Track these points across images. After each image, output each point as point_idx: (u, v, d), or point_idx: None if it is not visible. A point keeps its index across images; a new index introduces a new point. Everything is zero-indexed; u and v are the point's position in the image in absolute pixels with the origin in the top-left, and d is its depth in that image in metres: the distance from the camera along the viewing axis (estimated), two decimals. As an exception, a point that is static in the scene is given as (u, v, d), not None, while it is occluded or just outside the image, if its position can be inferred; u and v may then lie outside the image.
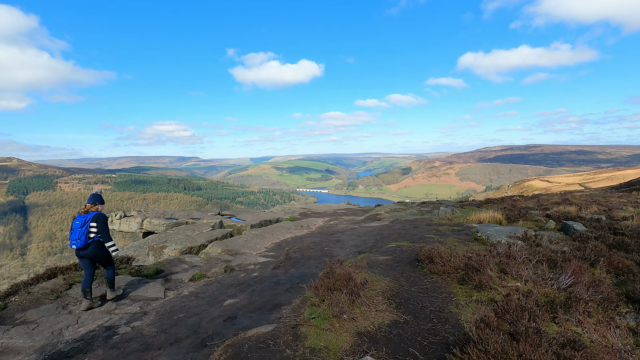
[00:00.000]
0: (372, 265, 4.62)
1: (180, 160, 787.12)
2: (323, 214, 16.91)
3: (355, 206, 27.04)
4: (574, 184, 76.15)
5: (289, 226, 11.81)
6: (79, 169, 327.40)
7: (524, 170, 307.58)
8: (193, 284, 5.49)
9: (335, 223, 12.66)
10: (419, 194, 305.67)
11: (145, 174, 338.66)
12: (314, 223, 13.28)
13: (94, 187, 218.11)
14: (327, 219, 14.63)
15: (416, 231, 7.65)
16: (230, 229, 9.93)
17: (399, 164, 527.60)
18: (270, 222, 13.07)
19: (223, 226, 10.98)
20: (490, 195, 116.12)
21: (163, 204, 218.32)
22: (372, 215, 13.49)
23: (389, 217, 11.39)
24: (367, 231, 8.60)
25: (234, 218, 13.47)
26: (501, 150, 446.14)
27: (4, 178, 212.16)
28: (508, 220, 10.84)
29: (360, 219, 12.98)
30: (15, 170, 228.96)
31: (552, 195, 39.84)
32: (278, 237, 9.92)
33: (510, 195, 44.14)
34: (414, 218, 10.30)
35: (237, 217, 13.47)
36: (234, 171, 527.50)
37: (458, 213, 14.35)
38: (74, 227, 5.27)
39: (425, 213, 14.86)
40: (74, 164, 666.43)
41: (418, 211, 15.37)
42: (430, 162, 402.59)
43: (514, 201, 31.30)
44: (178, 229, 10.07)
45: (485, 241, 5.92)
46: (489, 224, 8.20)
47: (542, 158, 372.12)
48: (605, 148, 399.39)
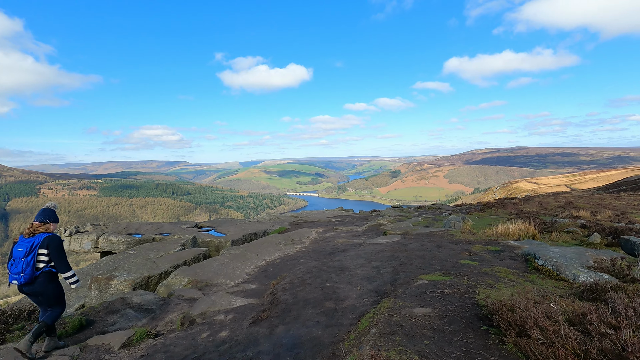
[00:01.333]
0: (408, 331, 2.80)
1: (169, 165, 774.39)
2: (316, 222, 15.06)
3: (349, 212, 25.21)
4: (560, 186, 76.84)
5: (277, 241, 9.92)
6: (63, 174, 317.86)
7: (510, 172, 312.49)
8: (124, 357, 3.54)
9: (332, 236, 10.84)
10: (408, 196, 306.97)
11: (133, 178, 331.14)
12: (307, 235, 11.42)
13: (79, 193, 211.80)
14: (321, 230, 12.78)
15: (443, 253, 5.86)
16: (204, 249, 7.98)
17: (388, 167, 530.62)
18: (255, 235, 11.13)
19: (197, 244, 9.02)
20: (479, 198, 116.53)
21: (150, 209, 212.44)
22: (375, 226, 11.69)
23: (395, 230, 9.62)
24: (376, 251, 6.78)
25: (213, 231, 11.49)
26: (488, 153, 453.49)
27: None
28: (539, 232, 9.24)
29: (360, 231, 11.18)
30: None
31: (546, 197, 38.97)
32: (264, 257, 8.03)
33: (508, 198, 43.10)
34: (428, 231, 8.54)
35: (218, 229, 11.50)
36: (223, 175, 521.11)
37: (470, 221, 12.73)
38: (14, 256, 3.76)
39: (432, 222, 13.15)
40: (58, 169, 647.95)
41: (424, 220, 13.65)
42: (419, 165, 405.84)
43: (514, 205, 30.03)
44: (140, 249, 8.07)
45: (555, 274, 4.18)
46: (532, 241, 6.51)
47: (527, 160, 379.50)
48: (588, 150, 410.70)
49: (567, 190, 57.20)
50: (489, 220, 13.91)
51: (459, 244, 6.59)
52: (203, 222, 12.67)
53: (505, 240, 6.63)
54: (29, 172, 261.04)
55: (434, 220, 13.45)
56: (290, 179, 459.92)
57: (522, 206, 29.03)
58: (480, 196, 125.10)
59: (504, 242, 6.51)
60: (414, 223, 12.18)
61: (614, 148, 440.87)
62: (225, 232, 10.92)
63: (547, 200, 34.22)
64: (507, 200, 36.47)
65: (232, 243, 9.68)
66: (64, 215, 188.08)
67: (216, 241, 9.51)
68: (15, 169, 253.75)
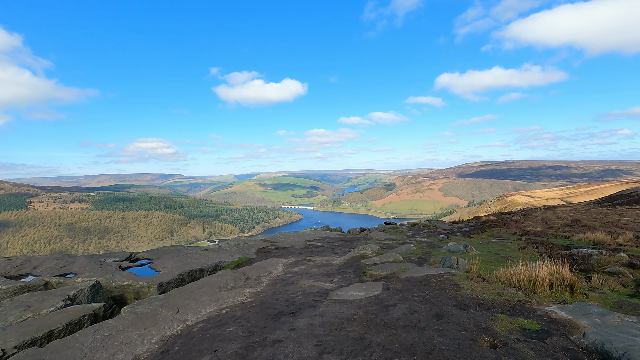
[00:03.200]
0: None
1: (163, 178, 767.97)
2: (289, 249, 12.52)
3: (335, 232, 22.63)
4: (554, 199, 75.71)
5: (224, 281, 7.40)
6: (55, 187, 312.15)
7: (504, 185, 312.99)
8: None
9: (300, 272, 8.36)
10: (403, 209, 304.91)
11: (126, 192, 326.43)
12: (270, 270, 8.92)
13: (70, 206, 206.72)
14: (291, 261, 10.28)
15: (447, 340, 3.41)
16: (95, 306, 5.42)
17: (383, 180, 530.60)
18: (201, 272, 8.56)
19: (101, 292, 6.47)
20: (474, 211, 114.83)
21: (143, 223, 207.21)
22: (355, 259, 9.19)
23: (379, 269, 7.17)
24: (340, 321, 4.30)
25: (148, 265, 8.93)
26: (482, 166, 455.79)
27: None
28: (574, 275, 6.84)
29: (336, 265, 8.68)
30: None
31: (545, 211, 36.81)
32: (186, 315, 5.52)
33: (506, 213, 40.72)
34: (423, 276, 6.07)
35: (155, 264, 8.92)
36: (218, 188, 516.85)
37: (474, 251, 10.31)
38: None
39: (427, 251, 10.70)
40: (50, 182, 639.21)
41: (418, 248, 11.19)
42: (414, 178, 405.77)
43: (516, 223, 27.65)
44: (10, 303, 5.54)
45: None
46: (585, 306, 4.09)
47: (521, 173, 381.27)
48: (579, 163, 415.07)
49: (562, 204, 55.66)
50: (497, 248, 11.48)
51: (471, 312, 4.14)
52: (141, 254, 10.05)
53: (542, 306, 4.20)
54: (19, 184, 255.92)
55: (430, 248, 11.01)
56: (286, 192, 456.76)
57: (524, 224, 26.70)
58: (476, 209, 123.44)
59: (541, 308, 4.07)
60: (405, 253, 9.74)
61: (604, 162, 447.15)
62: (161, 269, 8.35)
63: (548, 216, 31.97)
64: (507, 217, 34.14)
65: (158, 287, 7.12)
66: (53, 229, 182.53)
67: (136, 285, 6.96)
68: (6, 182, 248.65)
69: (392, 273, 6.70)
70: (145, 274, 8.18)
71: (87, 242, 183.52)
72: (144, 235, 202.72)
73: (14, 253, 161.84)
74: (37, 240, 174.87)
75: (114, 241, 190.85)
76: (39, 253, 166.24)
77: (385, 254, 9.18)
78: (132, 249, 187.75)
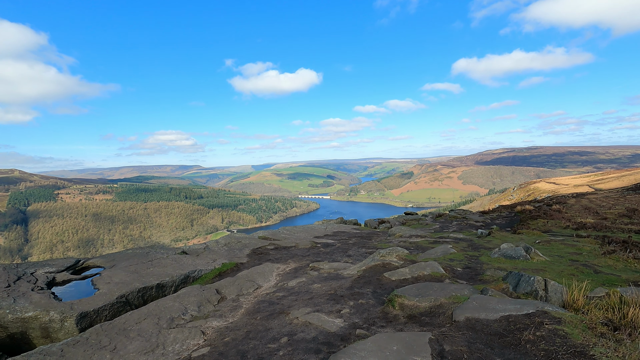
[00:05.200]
0: None
1: (182, 169, 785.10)
2: (292, 250, 10.01)
3: (350, 225, 19.89)
4: (582, 185, 70.56)
5: (184, 306, 5.01)
6: (81, 179, 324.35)
7: (526, 172, 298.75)
8: None
9: (297, 288, 5.87)
10: (421, 198, 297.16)
11: (147, 183, 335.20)
12: (257, 285, 6.47)
13: (95, 197, 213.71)
14: (291, 268, 7.81)
15: None
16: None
17: (400, 169, 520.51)
18: (160, 289, 6.19)
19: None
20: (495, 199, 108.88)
21: (164, 213, 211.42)
22: (375, 268, 6.58)
23: (414, 294, 4.54)
24: None
25: (91, 279, 6.59)
26: (502, 153, 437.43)
27: (5, 190, 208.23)
28: None
29: (349, 279, 6.10)
30: (17, 181, 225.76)
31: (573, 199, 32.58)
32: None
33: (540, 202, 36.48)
34: (497, 321, 3.43)
35: (105, 274, 6.60)
36: (235, 179, 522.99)
37: (541, 256, 7.44)
38: None
39: (469, 251, 7.95)
40: (76, 174, 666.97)
41: (456, 248, 8.42)
42: (432, 166, 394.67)
43: (561, 213, 24.03)
44: None
45: None
46: None
47: (544, 160, 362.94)
48: (607, 149, 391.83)
49: (592, 191, 51.05)
50: (566, 250, 8.47)
51: None
52: (93, 260, 7.80)
53: None
54: (48, 177, 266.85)
55: (473, 251, 8.22)
56: (302, 182, 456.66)
57: (571, 214, 23.13)
58: (497, 197, 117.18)
59: None
60: (443, 260, 7.04)
61: (634, 146, 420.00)
62: (102, 285, 5.95)
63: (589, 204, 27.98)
64: (545, 206, 30.21)
65: (78, 320, 4.70)
66: (80, 219, 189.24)
67: (44, 318, 4.65)
68: (35, 175, 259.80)
69: (437, 306, 4.07)
70: (81, 293, 5.91)
71: (112, 232, 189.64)
72: (165, 225, 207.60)
73: (45, 244, 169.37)
74: (66, 230, 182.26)
75: (137, 231, 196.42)
76: (67, 242, 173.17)
77: (417, 262, 6.51)
78: (155, 238, 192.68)
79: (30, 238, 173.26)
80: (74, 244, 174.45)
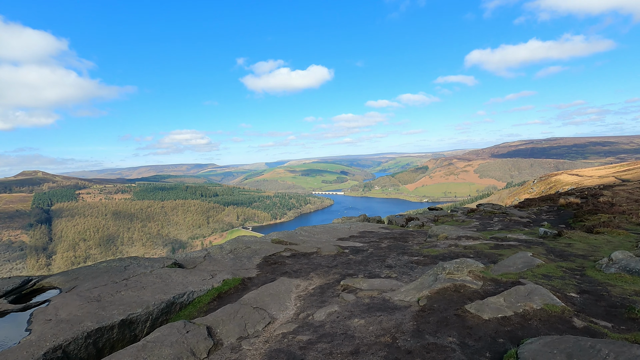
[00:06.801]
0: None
1: (197, 168, 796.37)
2: (313, 257, 7.93)
3: (375, 223, 17.75)
4: (608, 177, 66.03)
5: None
6: (101, 179, 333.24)
7: (545, 164, 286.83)
8: None
9: (328, 329, 3.79)
10: (437, 192, 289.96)
11: (164, 182, 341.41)
12: (269, 318, 4.44)
13: (114, 197, 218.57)
14: (314, 287, 5.75)
15: None
16: None
17: (414, 163, 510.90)
18: (128, 327, 4.25)
19: None
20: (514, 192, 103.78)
21: (181, 211, 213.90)
22: (446, 294, 4.47)
23: (540, 355, 2.39)
24: None
25: (47, 300, 4.68)
26: (520, 145, 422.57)
27: (29, 191, 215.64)
28: None
29: (408, 312, 3.97)
30: (40, 182, 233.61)
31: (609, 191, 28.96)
32: None
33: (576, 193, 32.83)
34: None
35: (55, 301, 4.68)
36: (249, 176, 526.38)
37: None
38: None
39: (560, 262, 5.65)
40: (96, 174, 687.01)
41: (540, 258, 6.10)
42: (447, 160, 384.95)
43: (612, 206, 21.10)
44: None
45: None
46: None
47: (564, 151, 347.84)
48: (632, 138, 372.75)
49: (619, 182, 47.07)
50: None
51: None
52: (50, 279, 5.96)
53: None
54: (69, 178, 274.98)
55: (565, 261, 5.87)
56: (315, 178, 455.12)
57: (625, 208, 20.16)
58: (516, 191, 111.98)
59: None
60: (541, 278, 4.75)
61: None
62: (39, 324, 4.02)
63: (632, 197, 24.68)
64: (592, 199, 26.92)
65: None
66: (100, 218, 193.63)
67: None
68: (58, 176, 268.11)
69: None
70: (2, 339, 3.95)
71: (131, 230, 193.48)
72: (182, 223, 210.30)
73: (68, 242, 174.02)
74: (87, 229, 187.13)
75: (155, 229, 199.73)
76: (89, 240, 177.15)
77: (501, 282, 4.29)
78: (173, 236, 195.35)
79: (54, 237, 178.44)
80: (96, 242, 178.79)
